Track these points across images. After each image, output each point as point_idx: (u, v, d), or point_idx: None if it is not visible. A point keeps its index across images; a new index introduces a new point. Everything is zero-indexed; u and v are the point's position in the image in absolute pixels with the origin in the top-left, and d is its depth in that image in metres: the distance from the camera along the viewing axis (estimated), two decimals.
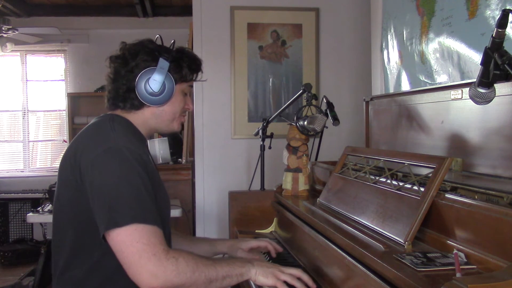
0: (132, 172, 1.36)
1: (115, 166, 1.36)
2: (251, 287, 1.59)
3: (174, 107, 1.58)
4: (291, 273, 1.48)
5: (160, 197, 1.49)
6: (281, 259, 1.87)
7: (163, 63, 1.50)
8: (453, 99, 1.72)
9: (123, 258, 1.31)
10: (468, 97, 1.19)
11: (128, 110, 1.55)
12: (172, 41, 1.60)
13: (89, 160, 1.37)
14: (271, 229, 2.36)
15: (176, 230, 1.79)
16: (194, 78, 1.62)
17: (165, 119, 1.59)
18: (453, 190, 1.37)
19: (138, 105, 1.53)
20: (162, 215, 1.51)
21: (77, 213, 1.42)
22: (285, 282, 1.46)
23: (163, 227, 1.50)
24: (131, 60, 1.52)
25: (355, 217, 1.61)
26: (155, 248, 1.29)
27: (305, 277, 1.49)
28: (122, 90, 1.52)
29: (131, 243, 1.29)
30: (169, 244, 1.61)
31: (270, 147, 2.59)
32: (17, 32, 5.24)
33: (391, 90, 2.65)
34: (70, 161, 1.43)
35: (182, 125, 1.70)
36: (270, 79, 3.66)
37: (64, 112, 6.19)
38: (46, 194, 3.89)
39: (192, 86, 1.65)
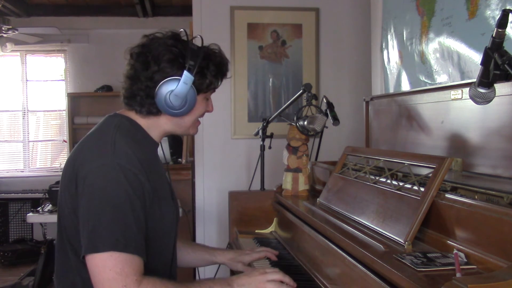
0: (120, 193, 1.31)
1: (104, 185, 1.31)
2: None
3: (194, 115, 1.52)
4: (274, 279, 1.45)
5: (162, 213, 1.46)
6: (281, 259, 1.87)
7: (187, 78, 1.42)
8: (453, 99, 1.72)
9: (95, 282, 1.28)
10: (468, 97, 1.19)
11: (143, 115, 1.48)
12: (201, 39, 1.51)
13: (83, 173, 1.34)
14: (271, 229, 2.36)
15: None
16: (219, 85, 1.55)
17: (182, 126, 1.53)
18: (453, 190, 1.37)
19: (156, 112, 1.47)
20: (165, 230, 1.48)
21: (75, 223, 1.39)
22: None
23: (165, 242, 1.47)
24: (153, 64, 1.42)
25: (355, 217, 1.61)
26: (127, 279, 1.26)
27: (287, 279, 1.47)
28: (140, 96, 1.45)
29: (104, 269, 1.26)
30: (174, 258, 1.58)
31: (270, 147, 2.59)
32: (17, 32, 5.24)
33: (391, 90, 2.65)
34: (69, 169, 1.40)
35: None
36: (270, 79, 3.66)
37: (64, 112, 6.19)
38: (46, 194, 3.89)
39: (215, 90, 1.58)
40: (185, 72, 1.42)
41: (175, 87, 1.42)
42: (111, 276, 1.26)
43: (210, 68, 1.49)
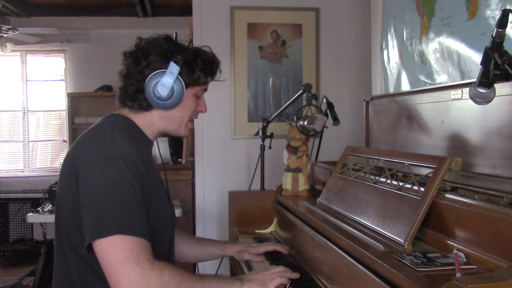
0: (123, 182, 1.32)
1: (107, 175, 1.33)
2: None
3: (183, 111, 1.54)
4: (280, 271, 1.53)
5: (160, 206, 1.47)
6: (281, 259, 1.87)
7: (173, 68, 1.45)
8: (453, 99, 1.72)
9: (105, 267, 1.27)
10: (468, 97, 1.19)
11: (136, 111, 1.52)
12: (190, 40, 1.58)
13: (84, 167, 1.35)
14: (271, 229, 2.36)
15: (176, 232, 1.79)
16: (208, 81, 1.57)
17: (173, 123, 1.55)
18: (453, 190, 1.37)
19: (147, 106, 1.50)
20: (161, 226, 1.49)
21: (73, 218, 1.40)
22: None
23: (161, 239, 1.47)
24: (143, 60, 1.48)
25: (355, 217, 1.61)
26: (139, 258, 1.25)
27: (289, 274, 1.54)
28: (131, 90, 1.49)
29: (113, 251, 1.25)
30: (171, 256, 1.59)
31: (270, 147, 2.59)
32: (17, 32, 5.24)
33: (391, 90, 2.65)
34: (69, 165, 1.41)
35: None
36: (270, 79, 3.66)
37: (64, 112, 6.19)
38: (46, 194, 3.89)
39: (206, 89, 1.59)
40: (171, 63, 1.46)
41: (161, 78, 1.46)
42: (122, 255, 1.24)
43: (198, 63, 1.52)
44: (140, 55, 1.48)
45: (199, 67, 1.52)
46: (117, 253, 1.25)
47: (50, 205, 3.71)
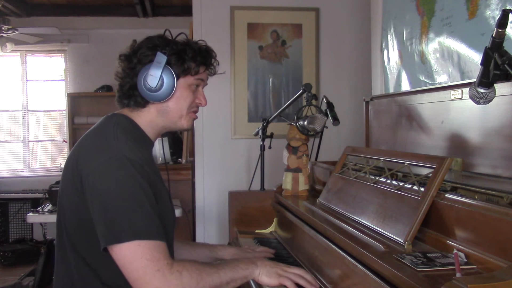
0: (134, 184, 1.33)
1: (117, 177, 1.33)
2: (251, 286, 1.58)
3: (178, 103, 1.51)
4: (294, 272, 1.50)
5: (162, 206, 1.47)
6: (281, 259, 1.87)
7: (160, 57, 1.45)
8: (453, 99, 1.72)
9: (127, 273, 1.30)
10: (468, 97, 1.19)
11: (134, 108, 1.51)
12: (179, 33, 1.54)
13: (90, 169, 1.35)
14: (271, 229, 2.36)
15: (176, 232, 1.79)
16: (200, 71, 1.53)
17: (171, 116, 1.53)
18: (453, 190, 1.37)
19: (142, 102, 1.50)
20: (164, 224, 1.50)
21: (76, 220, 1.40)
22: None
23: (166, 237, 1.49)
24: (133, 56, 1.49)
25: (355, 217, 1.61)
26: (159, 264, 1.29)
27: (308, 277, 1.51)
28: (125, 88, 1.50)
29: (134, 259, 1.28)
30: (171, 252, 1.60)
31: (270, 147, 2.59)
32: (17, 32, 5.24)
33: (391, 90, 2.65)
34: (72, 166, 1.41)
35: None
36: (270, 79, 3.66)
37: (64, 112, 6.19)
38: (46, 194, 3.89)
39: (203, 80, 1.56)
40: (158, 53, 1.46)
41: (149, 69, 1.46)
42: (144, 264, 1.28)
43: (187, 52, 1.50)
44: (132, 53, 1.50)
45: (189, 56, 1.50)
46: (138, 261, 1.28)
47: (50, 205, 3.71)
